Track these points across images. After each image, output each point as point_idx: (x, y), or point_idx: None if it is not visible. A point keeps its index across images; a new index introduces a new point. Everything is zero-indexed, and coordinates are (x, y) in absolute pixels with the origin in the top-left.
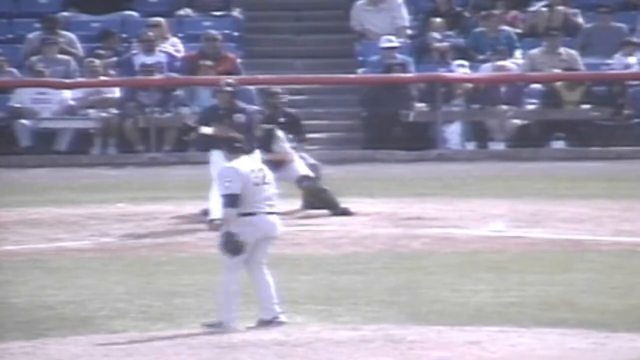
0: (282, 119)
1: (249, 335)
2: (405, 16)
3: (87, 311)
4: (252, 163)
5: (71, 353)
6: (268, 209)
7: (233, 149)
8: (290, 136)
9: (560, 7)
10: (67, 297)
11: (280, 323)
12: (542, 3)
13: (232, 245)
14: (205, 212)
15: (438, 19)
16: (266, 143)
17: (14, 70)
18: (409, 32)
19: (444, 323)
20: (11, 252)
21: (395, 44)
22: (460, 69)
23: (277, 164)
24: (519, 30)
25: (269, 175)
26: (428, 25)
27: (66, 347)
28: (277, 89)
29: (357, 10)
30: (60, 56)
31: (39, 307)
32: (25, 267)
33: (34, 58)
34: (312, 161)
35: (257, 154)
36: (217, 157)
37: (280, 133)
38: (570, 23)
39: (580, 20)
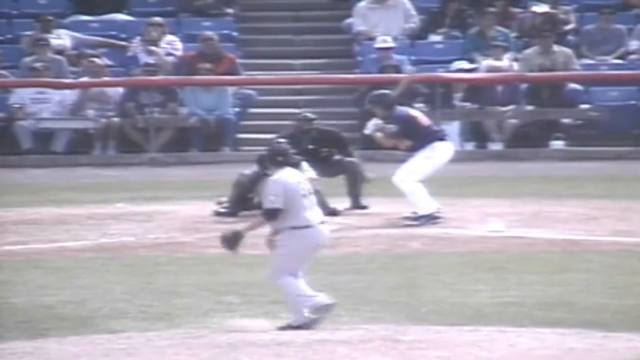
0: (310, 146)
1: (248, 335)
2: (415, 15)
3: (87, 311)
4: (295, 174)
5: (71, 353)
6: (319, 219)
7: (276, 163)
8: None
9: (556, 8)
10: (66, 297)
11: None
12: (538, 3)
13: (233, 242)
14: (217, 213)
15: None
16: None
17: (14, 70)
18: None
19: (443, 323)
20: (11, 252)
21: (391, 45)
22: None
23: None
24: (514, 33)
25: (310, 183)
26: (429, 26)
27: (66, 347)
28: (308, 114)
29: (362, 10)
30: (52, 56)
31: (39, 306)
32: (25, 266)
33: (28, 59)
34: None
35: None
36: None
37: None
38: (566, 23)
39: (572, 19)
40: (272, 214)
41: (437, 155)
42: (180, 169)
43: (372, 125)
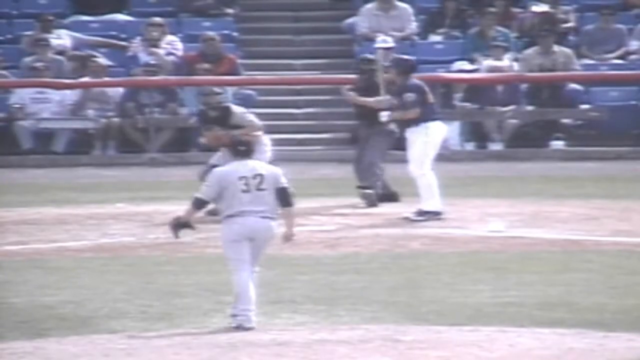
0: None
1: (248, 335)
2: (414, 26)
3: (87, 311)
4: (248, 168)
5: (71, 353)
6: (258, 213)
7: (237, 152)
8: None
9: (556, 7)
10: (66, 297)
11: (246, 328)
12: (537, 3)
13: (178, 225)
14: (212, 212)
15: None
16: (222, 121)
17: (14, 70)
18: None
19: (443, 323)
20: (11, 251)
21: (391, 45)
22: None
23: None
24: (514, 33)
25: (269, 179)
26: (429, 26)
27: (66, 347)
28: (371, 56)
29: (368, 11)
30: (52, 56)
31: (39, 306)
32: (25, 266)
33: (28, 59)
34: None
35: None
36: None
37: (236, 108)
38: (565, 23)
39: (572, 19)
40: (197, 203)
41: (433, 137)
42: (180, 169)
43: (385, 115)
